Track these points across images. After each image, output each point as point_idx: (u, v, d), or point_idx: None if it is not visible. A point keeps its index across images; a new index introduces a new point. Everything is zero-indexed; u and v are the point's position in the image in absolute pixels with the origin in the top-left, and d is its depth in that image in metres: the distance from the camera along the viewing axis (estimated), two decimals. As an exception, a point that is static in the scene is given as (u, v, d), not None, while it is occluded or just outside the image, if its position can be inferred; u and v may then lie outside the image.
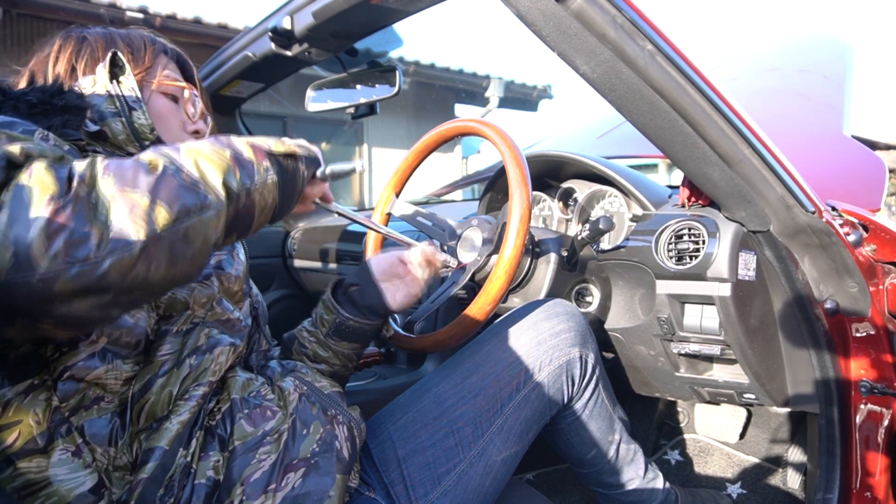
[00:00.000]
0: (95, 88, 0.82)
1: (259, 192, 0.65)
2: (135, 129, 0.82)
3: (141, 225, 0.52)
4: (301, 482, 0.74)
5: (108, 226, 0.51)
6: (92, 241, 0.50)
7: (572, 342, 1.01)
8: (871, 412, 1.15)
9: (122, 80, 0.83)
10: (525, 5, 0.76)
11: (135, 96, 0.82)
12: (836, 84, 1.89)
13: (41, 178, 0.50)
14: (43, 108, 0.73)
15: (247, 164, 0.64)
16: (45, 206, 0.49)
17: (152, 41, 0.92)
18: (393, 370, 1.60)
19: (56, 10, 4.73)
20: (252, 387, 0.80)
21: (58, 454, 0.63)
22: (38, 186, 0.49)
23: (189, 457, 0.70)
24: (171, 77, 0.91)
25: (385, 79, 1.48)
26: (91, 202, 0.51)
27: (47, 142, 0.65)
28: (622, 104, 0.89)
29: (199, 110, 0.94)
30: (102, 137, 0.81)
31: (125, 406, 0.70)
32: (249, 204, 0.64)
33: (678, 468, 1.64)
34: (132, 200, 0.52)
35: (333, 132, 7.30)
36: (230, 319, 0.82)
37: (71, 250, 0.49)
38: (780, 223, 1.07)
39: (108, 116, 0.80)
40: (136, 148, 0.82)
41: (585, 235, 1.17)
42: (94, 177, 0.53)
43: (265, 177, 0.66)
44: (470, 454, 0.90)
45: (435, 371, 1.03)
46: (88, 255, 0.49)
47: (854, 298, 1.13)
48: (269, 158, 0.68)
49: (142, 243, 0.52)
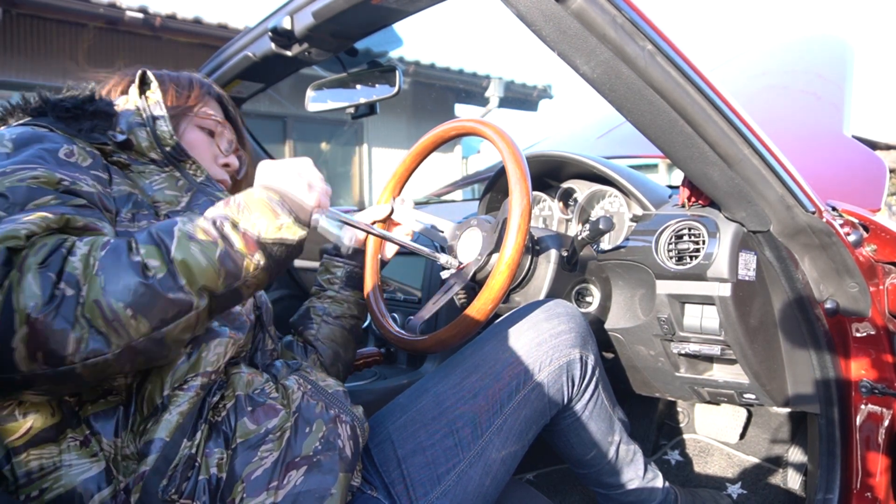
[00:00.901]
0: (127, 105, 0.91)
1: (245, 285, 0.69)
2: (157, 136, 0.89)
3: (120, 334, 0.57)
4: (303, 480, 0.74)
5: (88, 328, 0.56)
6: (69, 347, 0.55)
7: (573, 343, 1.01)
8: (871, 412, 1.15)
9: (148, 95, 0.92)
10: (525, 5, 0.76)
11: (159, 108, 0.91)
12: (836, 84, 1.89)
13: (28, 284, 0.55)
14: (75, 112, 0.82)
15: (236, 259, 0.67)
16: (28, 315, 0.54)
17: (199, 83, 1.04)
18: (393, 370, 1.60)
19: (56, 10, 4.73)
20: (256, 384, 0.80)
21: (66, 443, 0.66)
22: (24, 294, 0.54)
23: (194, 448, 0.71)
24: (209, 114, 1.01)
25: (385, 79, 1.48)
26: (79, 301, 0.56)
27: (70, 158, 0.73)
28: (622, 104, 0.89)
29: (232, 146, 1.04)
30: (128, 146, 0.88)
31: (130, 397, 0.71)
32: (233, 295, 0.68)
33: (678, 468, 1.64)
34: (115, 309, 0.57)
35: (333, 132, 7.30)
36: (230, 312, 0.83)
37: (49, 358, 0.55)
38: (781, 223, 1.07)
39: (134, 126, 0.89)
40: (158, 154, 0.89)
41: (585, 235, 1.17)
42: (87, 272, 0.57)
43: (254, 271, 0.69)
44: (469, 454, 0.90)
45: (435, 371, 1.03)
46: (65, 359, 0.55)
47: (854, 298, 1.13)
48: (260, 249, 0.70)
49: (118, 350, 0.58)
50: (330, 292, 1.16)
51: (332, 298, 1.15)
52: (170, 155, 0.89)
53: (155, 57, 5.21)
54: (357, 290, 1.16)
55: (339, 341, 1.13)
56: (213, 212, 0.70)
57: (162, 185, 0.86)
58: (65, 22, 4.92)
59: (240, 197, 0.74)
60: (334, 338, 1.13)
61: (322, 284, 1.17)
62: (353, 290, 1.16)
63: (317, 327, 1.12)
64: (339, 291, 1.15)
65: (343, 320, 1.14)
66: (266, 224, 0.70)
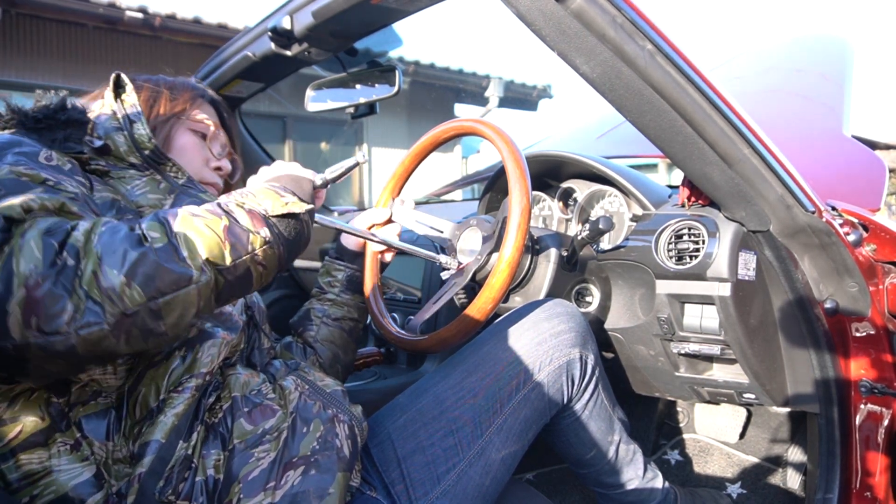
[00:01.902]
0: (103, 109, 0.88)
1: (252, 261, 0.67)
2: (135, 139, 0.86)
3: (114, 303, 0.56)
4: (301, 480, 0.74)
5: (85, 299, 0.55)
6: (65, 316, 0.54)
7: (573, 343, 1.01)
8: (871, 412, 1.15)
9: (124, 98, 0.89)
10: (525, 5, 0.76)
11: (136, 111, 0.88)
12: (836, 84, 1.89)
13: (30, 248, 0.54)
14: (47, 122, 0.78)
15: (240, 235, 0.66)
16: (27, 278, 0.53)
17: (193, 87, 1.02)
18: (393, 370, 1.60)
19: (56, 10, 4.73)
20: (253, 385, 0.80)
21: (57, 447, 0.65)
22: (25, 257, 0.54)
23: (190, 449, 0.71)
24: (201, 118, 0.99)
25: (385, 79, 1.48)
26: (77, 273, 0.55)
27: (51, 162, 0.70)
28: (622, 104, 0.89)
29: (225, 150, 1.03)
30: (106, 151, 0.85)
31: (122, 400, 0.71)
32: (242, 273, 0.66)
33: (678, 468, 1.64)
34: (110, 278, 0.56)
35: (333, 132, 7.30)
36: (222, 312, 0.83)
37: (43, 324, 0.53)
38: (780, 223, 1.07)
39: (111, 131, 0.86)
40: (137, 158, 0.86)
41: (585, 235, 1.17)
42: (87, 246, 0.57)
43: (261, 245, 0.68)
44: (469, 453, 0.90)
45: (434, 371, 1.03)
46: (59, 329, 0.54)
47: (854, 298, 1.13)
48: (267, 225, 0.69)
49: (113, 320, 0.56)
50: (330, 295, 1.15)
51: (332, 301, 1.15)
52: (149, 158, 0.87)
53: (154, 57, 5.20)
54: (358, 294, 1.16)
55: (339, 343, 1.13)
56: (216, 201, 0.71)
57: (144, 189, 0.85)
58: (64, 22, 4.92)
59: (240, 189, 0.75)
60: (333, 339, 1.13)
61: (323, 287, 1.17)
62: (353, 293, 1.16)
63: (316, 329, 1.12)
64: (340, 294, 1.15)
65: (343, 322, 1.14)
66: (272, 203, 0.72)
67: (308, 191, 0.82)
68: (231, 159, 1.06)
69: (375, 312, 1.12)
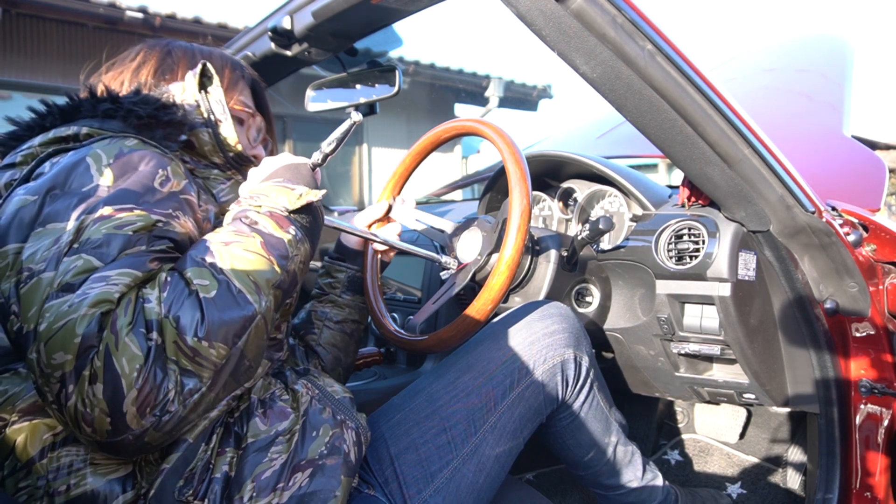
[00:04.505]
0: (184, 97, 0.84)
1: (294, 262, 0.70)
2: (220, 140, 0.85)
3: (205, 366, 0.60)
4: (308, 482, 0.75)
5: (179, 371, 0.59)
6: (171, 394, 0.58)
7: (566, 343, 1.01)
8: (871, 412, 1.15)
9: (210, 91, 0.86)
10: (525, 5, 0.76)
11: (221, 108, 0.85)
12: (836, 84, 1.89)
13: (126, 346, 0.57)
14: (149, 120, 0.76)
15: (278, 245, 0.69)
16: (135, 378, 0.56)
17: (232, 64, 0.96)
18: (393, 370, 1.60)
19: (56, 10, 4.73)
20: (271, 388, 0.81)
21: None
22: (126, 357, 0.56)
23: (209, 452, 0.71)
24: (243, 102, 0.95)
25: (385, 79, 1.48)
26: (167, 354, 0.58)
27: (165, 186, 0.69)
28: (622, 104, 0.89)
29: (260, 135, 0.99)
30: (189, 147, 0.83)
31: None
32: (291, 278, 0.70)
33: (678, 468, 1.64)
34: (192, 346, 0.59)
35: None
36: (275, 338, 0.86)
37: (158, 412, 0.58)
38: (780, 223, 1.07)
39: (196, 126, 0.83)
40: (221, 158, 0.85)
41: (585, 235, 1.17)
42: (162, 320, 0.59)
43: (297, 246, 0.71)
44: (463, 451, 0.90)
45: (429, 372, 1.03)
46: (168, 407, 0.58)
47: (854, 298, 1.13)
48: (293, 224, 0.71)
49: (209, 380, 0.61)
50: (331, 296, 1.15)
51: (333, 303, 1.14)
52: (233, 160, 0.86)
53: (154, 57, 5.19)
54: (359, 295, 1.15)
55: (340, 346, 1.13)
56: (230, 216, 0.72)
57: (229, 194, 0.84)
58: (64, 22, 4.92)
59: (245, 195, 0.75)
60: (335, 342, 1.12)
61: (323, 288, 1.16)
62: (354, 294, 1.15)
63: (318, 332, 1.12)
64: (341, 296, 1.15)
65: (344, 325, 1.14)
66: (286, 199, 0.73)
67: (310, 176, 0.82)
68: (264, 144, 1.02)
69: (376, 312, 1.12)
